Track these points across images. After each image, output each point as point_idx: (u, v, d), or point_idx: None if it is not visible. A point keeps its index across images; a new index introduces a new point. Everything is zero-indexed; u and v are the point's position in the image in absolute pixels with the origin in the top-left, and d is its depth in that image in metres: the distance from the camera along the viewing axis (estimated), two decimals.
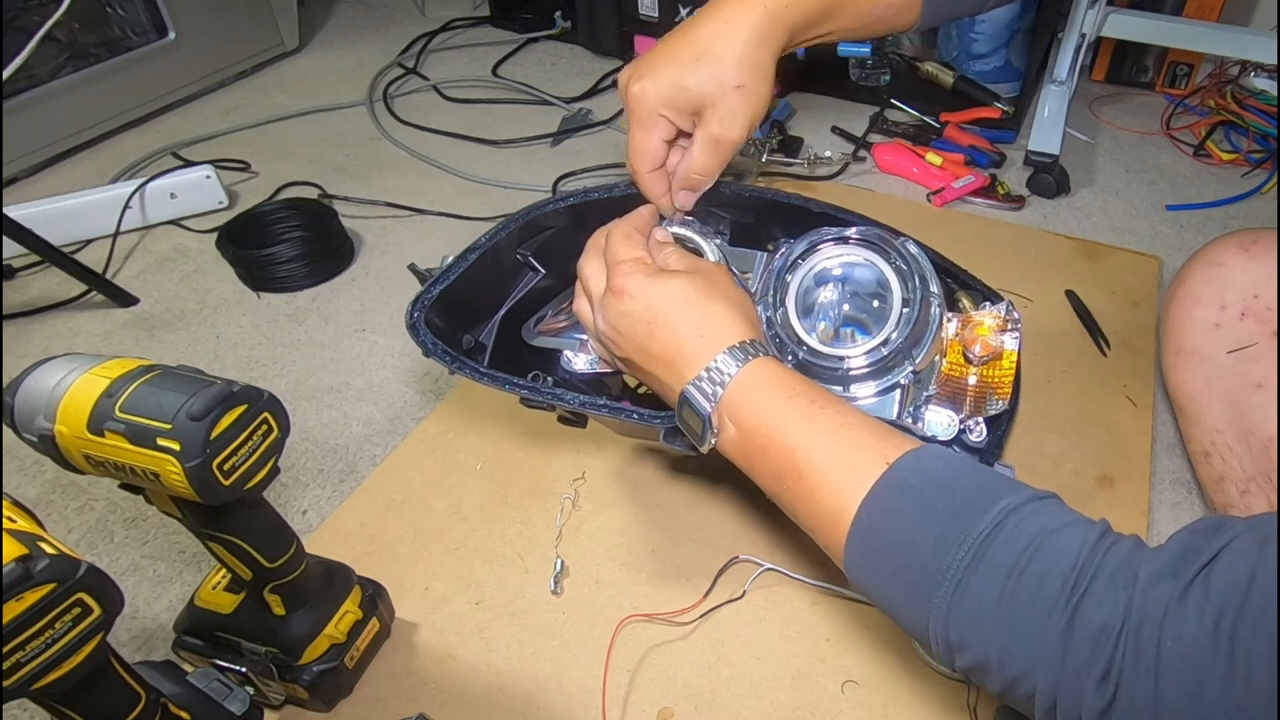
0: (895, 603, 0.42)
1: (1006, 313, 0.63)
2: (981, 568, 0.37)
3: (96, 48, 1.34)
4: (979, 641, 0.37)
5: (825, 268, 0.60)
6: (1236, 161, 1.25)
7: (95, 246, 1.13)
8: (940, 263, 0.68)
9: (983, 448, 0.63)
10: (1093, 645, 0.33)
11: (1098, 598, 0.34)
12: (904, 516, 0.41)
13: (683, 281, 0.52)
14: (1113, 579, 0.34)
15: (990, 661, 0.37)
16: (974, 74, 1.34)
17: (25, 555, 0.39)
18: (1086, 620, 0.34)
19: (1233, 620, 0.31)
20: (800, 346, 0.58)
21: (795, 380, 0.48)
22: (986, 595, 0.37)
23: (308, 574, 0.60)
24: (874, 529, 0.42)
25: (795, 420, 0.46)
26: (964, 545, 0.38)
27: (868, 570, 0.42)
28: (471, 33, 1.71)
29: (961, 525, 0.38)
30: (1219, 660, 0.30)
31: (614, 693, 0.64)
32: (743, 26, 0.53)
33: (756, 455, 0.47)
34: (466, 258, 0.65)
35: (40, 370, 0.49)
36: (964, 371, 0.63)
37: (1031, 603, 0.35)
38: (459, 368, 0.61)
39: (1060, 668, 0.34)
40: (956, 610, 0.38)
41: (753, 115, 0.56)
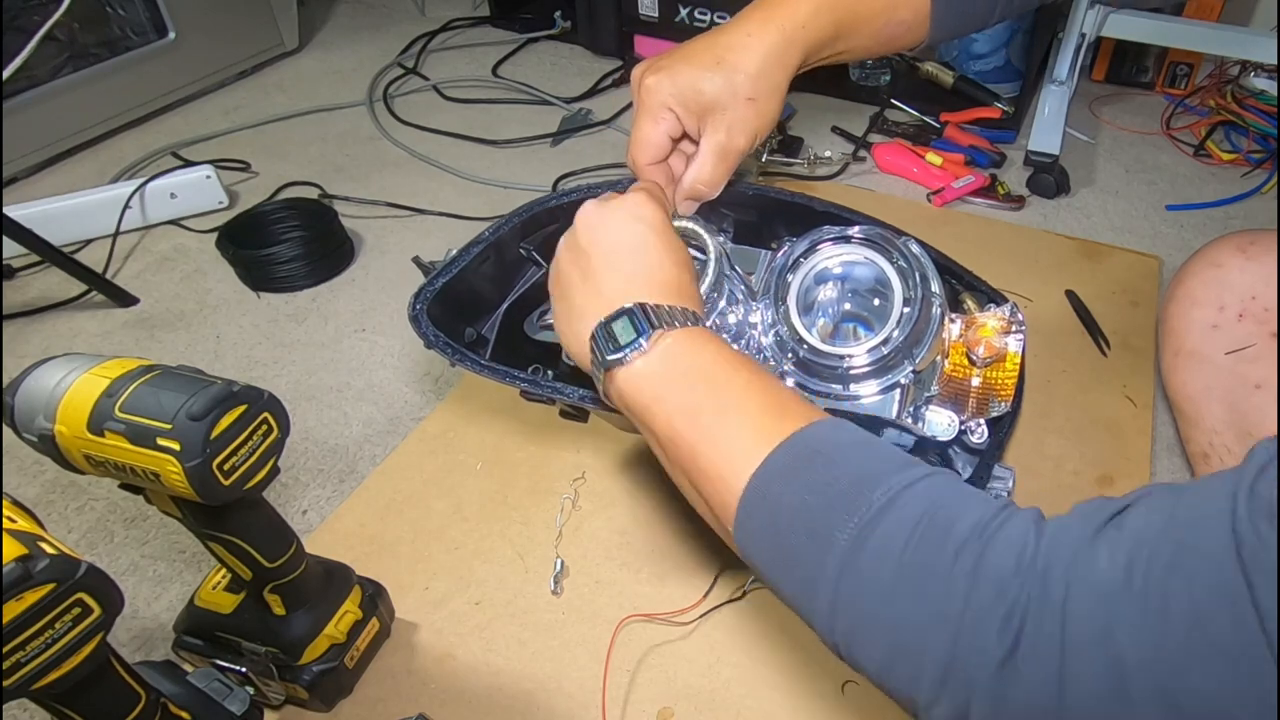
0: (783, 575, 0.39)
1: (1010, 315, 0.63)
2: (881, 528, 0.35)
3: (96, 48, 1.34)
4: (872, 608, 0.35)
5: (827, 266, 0.60)
6: (1236, 161, 1.25)
7: (95, 246, 1.13)
8: (945, 264, 0.68)
9: (984, 449, 0.62)
10: (997, 589, 0.32)
11: (1005, 545, 0.33)
12: (798, 484, 0.39)
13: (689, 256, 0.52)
14: (1021, 530, 0.33)
15: (880, 629, 0.35)
16: (974, 74, 1.34)
17: (25, 555, 0.39)
18: (991, 566, 0.32)
19: (1147, 558, 0.29)
20: (801, 345, 0.58)
21: (735, 349, 0.47)
22: (885, 555, 0.35)
23: (308, 574, 0.60)
24: (767, 494, 0.40)
25: (731, 369, 0.44)
26: (861, 511, 0.36)
27: (758, 539, 0.40)
28: (471, 33, 1.71)
29: (857, 496, 0.37)
30: (1132, 598, 0.29)
31: (614, 693, 0.64)
32: (762, 42, 0.55)
33: (674, 387, 0.45)
34: (469, 251, 0.65)
35: (40, 370, 0.49)
36: (967, 373, 0.63)
37: (933, 558, 0.34)
38: (460, 360, 0.61)
39: (960, 618, 0.32)
40: (849, 575, 0.36)
41: (760, 128, 0.57)
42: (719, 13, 1.43)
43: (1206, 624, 0.27)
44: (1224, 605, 0.27)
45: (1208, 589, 0.28)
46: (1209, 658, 0.27)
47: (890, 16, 0.59)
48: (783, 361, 0.60)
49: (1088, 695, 0.29)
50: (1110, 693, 0.29)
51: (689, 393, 0.44)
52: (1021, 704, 0.31)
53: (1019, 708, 0.31)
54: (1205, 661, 0.27)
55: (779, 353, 0.60)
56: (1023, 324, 0.62)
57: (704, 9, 1.44)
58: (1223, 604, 0.27)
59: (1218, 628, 0.27)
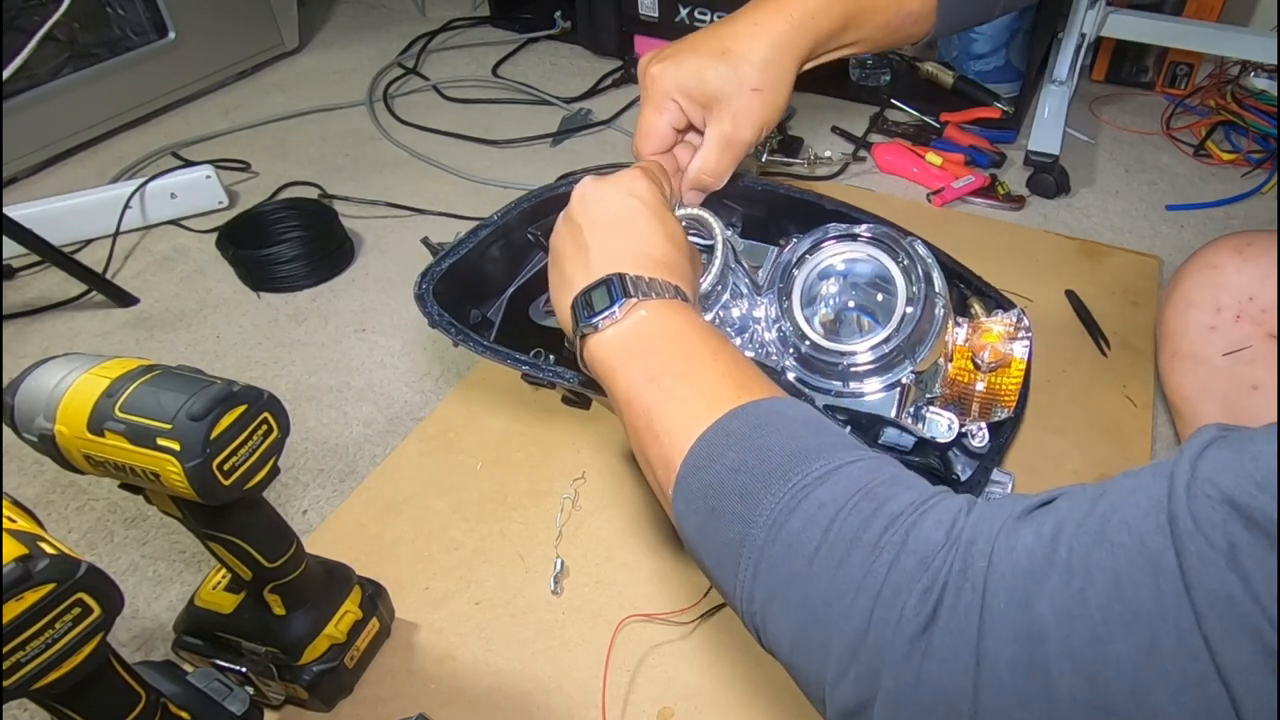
0: (711, 539, 0.38)
1: (1017, 321, 0.63)
2: (815, 495, 0.35)
3: (96, 48, 1.34)
4: (793, 574, 0.34)
5: (832, 264, 0.60)
6: (1236, 161, 1.25)
7: (95, 246, 1.13)
8: (953, 268, 0.68)
9: (984, 453, 0.63)
10: (921, 561, 0.31)
11: (935, 521, 0.32)
12: (741, 447, 0.38)
13: (685, 236, 0.52)
14: (953, 508, 0.33)
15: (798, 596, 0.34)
16: (974, 74, 1.34)
17: (25, 555, 0.39)
18: (918, 540, 0.32)
19: (1072, 533, 0.29)
20: (803, 341, 0.58)
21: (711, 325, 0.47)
22: (815, 522, 0.34)
23: (308, 574, 0.60)
24: (709, 455, 0.39)
25: (700, 340, 0.45)
26: (797, 479, 0.35)
27: (693, 500, 0.39)
28: (471, 33, 1.71)
29: (799, 464, 0.36)
30: (1054, 569, 0.28)
31: (614, 693, 0.64)
32: (770, 31, 0.54)
33: (641, 352, 0.45)
34: (477, 234, 0.66)
35: (40, 370, 0.49)
36: (972, 377, 0.63)
37: (862, 530, 0.33)
38: (463, 340, 0.61)
39: (880, 588, 0.31)
40: (775, 540, 0.35)
41: (765, 119, 0.56)
42: (719, 12, 1.43)
43: (1128, 593, 0.27)
44: (1147, 574, 0.27)
45: (1131, 559, 0.27)
46: (1130, 626, 0.26)
47: (899, 8, 0.58)
48: (784, 356, 0.61)
49: (1005, 668, 0.28)
50: (1028, 665, 0.28)
51: (653, 357, 0.44)
52: (934, 680, 0.30)
53: (931, 684, 0.30)
54: (1126, 630, 0.26)
55: (781, 348, 0.61)
56: (1029, 330, 0.62)
57: (704, 9, 1.44)
58: (1145, 573, 0.27)
59: (1140, 596, 0.26)
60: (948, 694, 0.29)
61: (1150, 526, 0.27)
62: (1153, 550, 0.27)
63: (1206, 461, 0.27)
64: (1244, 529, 0.25)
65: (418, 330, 0.99)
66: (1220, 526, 0.25)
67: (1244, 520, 0.25)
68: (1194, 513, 0.26)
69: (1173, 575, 0.26)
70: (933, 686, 0.30)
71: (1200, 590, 0.25)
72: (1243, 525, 0.25)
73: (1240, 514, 0.25)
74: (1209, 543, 0.25)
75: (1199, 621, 0.25)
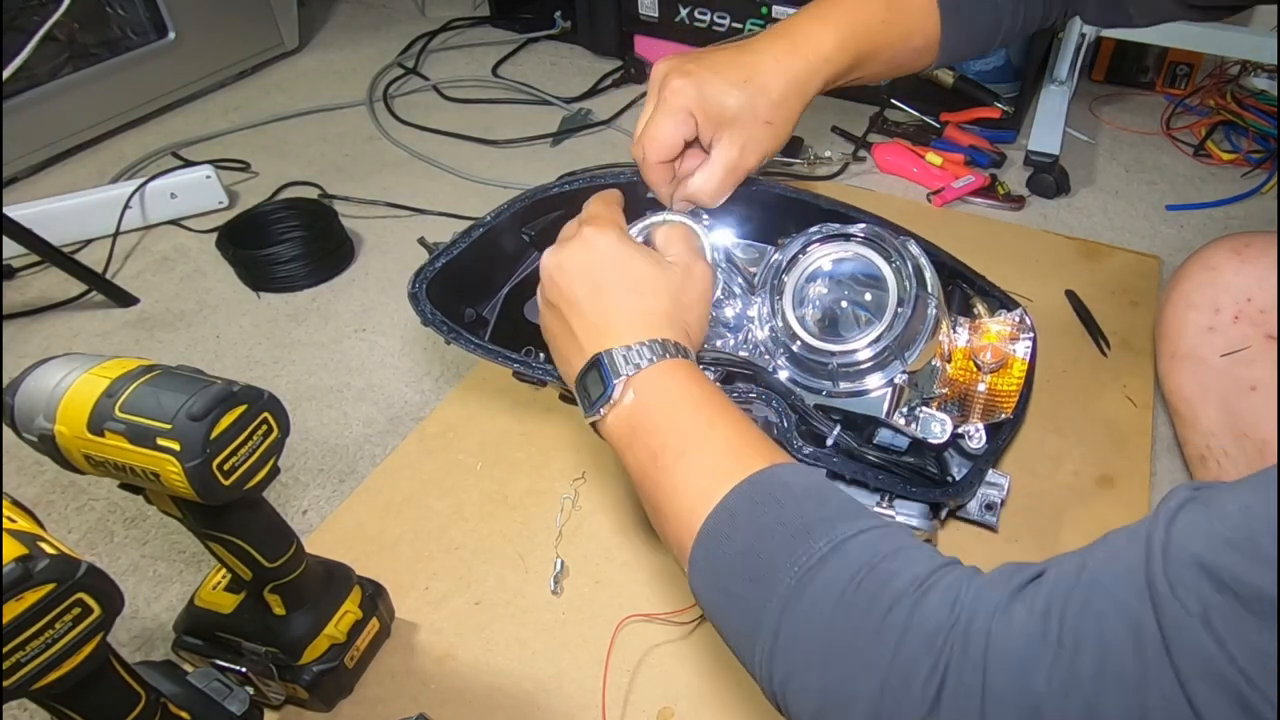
0: (729, 619, 0.40)
1: (1019, 321, 0.63)
2: (822, 576, 0.36)
3: (96, 48, 1.34)
4: (807, 655, 0.36)
5: (824, 263, 0.60)
6: (1236, 161, 1.25)
7: (95, 246, 1.13)
8: (956, 268, 0.68)
9: (979, 454, 0.62)
10: (926, 642, 0.32)
11: (938, 600, 0.33)
12: (746, 528, 0.39)
13: (653, 267, 0.52)
14: (955, 586, 0.34)
15: (814, 676, 0.35)
16: (974, 74, 1.34)
17: (25, 555, 0.39)
18: (922, 620, 0.33)
19: (1062, 605, 0.30)
20: (794, 340, 0.58)
21: (705, 382, 0.48)
22: (823, 602, 0.35)
23: (308, 574, 0.60)
24: (717, 537, 0.40)
25: (695, 410, 0.46)
26: (803, 559, 0.37)
27: (708, 581, 0.41)
28: (471, 33, 1.71)
29: (803, 543, 0.37)
30: (1047, 645, 0.30)
31: (614, 693, 0.64)
32: (789, 71, 0.57)
33: (641, 431, 0.46)
34: (470, 234, 0.67)
35: (40, 370, 0.49)
36: (973, 378, 0.63)
37: (869, 609, 0.34)
38: (455, 338, 0.62)
39: (888, 669, 0.33)
40: (788, 621, 0.36)
41: (770, 149, 0.59)
42: (719, 13, 1.43)
43: (1115, 661, 0.28)
44: (1130, 641, 0.28)
45: (1114, 627, 0.28)
46: (1119, 692, 0.28)
47: (904, 45, 0.61)
48: (776, 355, 0.61)
49: None
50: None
51: (654, 436, 0.45)
52: None
53: None
54: (1116, 696, 0.28)
55: (773, 347, 0.61)
56: (1032, 330, 0.62)
57: (704, 9, 1.44)
58: (1129, 640, 0.28)
59: (1125, 664, 0.28)
60: None
61: (1130, 593, 0.29)
62: (1134, 616, 0.28)
63: (1179, 525, 0.29)
64: (1214, 591, 0.26)
65: (418, 330, 0.99)
66: (1194, 590, 0.26)
67: (1214, 583, 0.26)
68: (1170, 577, 0.27)
69: (1154, 639, 0.27)
70: None
71: (1180, 653, 0.26)
72: (1213, 588, 0.26)
73: (1210, 577, 0.26)
74: (1184, 607, 0.26)
75: (1182, 683, 0.26)
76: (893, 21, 0.59)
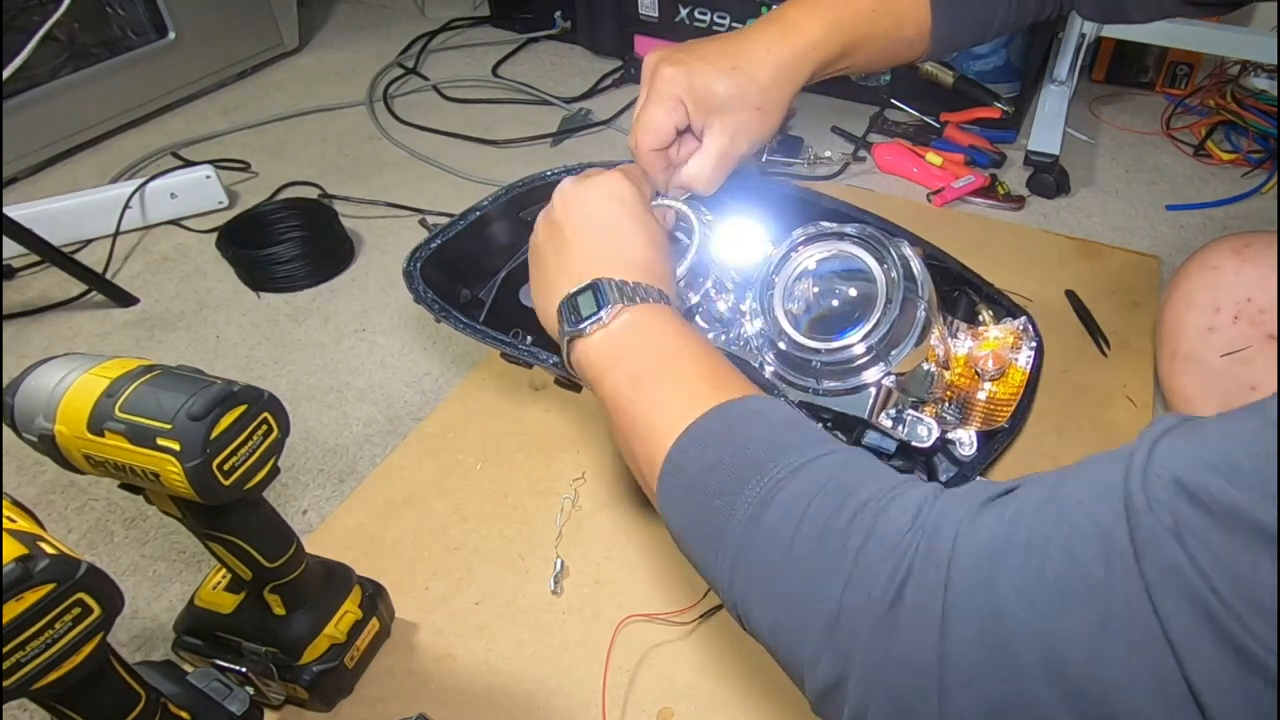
0: (694, 533, 0.40)
1: (1022, 329, 0.63)
2: (789, 488, 0.36)
3: (96, 48, 1.34)
4: (770, 563, 0.36)
5: (816, 261, 0.60)
6: (1236, 161, 1.25)
7: (95, 246, 1.13)
8: (964, 275, 0.68)
9: (966, 461, 0.62)
10: (889, 545, 0.33)
11: (902, 507, 0.34)
12: (719, 445, 0.40)
13: (665, 239, 0.54)
14: (920, 495, 0.34)
15: (775, 584, 0.36)
16: (974, 74, 1.34)
17: (25, 555, 0.39)
18: (886, 524, 0.33)
19: (1033, 513, 0.30)
20: (781, 337, 0.58)
21: (691, 328, 0.49)
22: (789, 513, 0.36)
23: (308, 574, 0.60)
24: (690, 452, 0.41)
25: (680, 343, 0.47)
26: (772, 473, 0.37)
27: (676, 495, 0.41)
28: (471, 33, 1.71)
29: (774, 459, 0.38)
30: (1014, 547, 0.30)
31: (614, 693, 0.64)
32: (778, 58, 0.58)
33: (625, 355, 0.47)
34: (467, 217, 0.68)
35: (40, 370, 0.49)
36: (973, 385, 0.63)
37: (833, 517, 0.35)
38: (444, 317, 0.64)
39: (850, 572, 0.33)
40: (752, 532, 0.36)
41: (761, 136, 0.60)
42: (718, 12, 1.43)
43: (1083, 568, 0.28)
44: (1099, 551, 0.28)
45: (1085, 537, 0.29)
46: (1085, 599, 0.28)
47: (895, 34, 0.61)
48: (765, 351, 0.61)
49: (969, 643, 0.30)
50: (991, 640, 0.29)
51: (636, 361, 0.46)
52: (902, 656, 0.31)
53: (899, 660, 0.31)
54: (1081, 603, 0.28)
55: (761, 343, 0.61)
56: (1036, 339, 0.62)
57: (704, 9, 1.44)
58: (1098, 549, 0.28)
59: (1093, 571, 0.28)
60: (915, 669, 0.31)
61: (1104, 508, 0.29)
62: (1105, 529, 0.28)
63: (1161, 448, 0.29)
64: (1189, 506, 0.26)
65: (418, 330, 0.99)
66: (1168, 505, 0.27)
67: (1190, 499, 0.26)
68: (1147, 494, 0.28)
69: (1124, 551, 0.27)
70: (900, 662, 0.31)
71: (1150, 562, 0.27)
72: (1188, 504, 0.26)
73: (1187, 494, 0.27)
74: (1158, 520, 0.27)
75: (1149, 592, 0.27)
76: (882, 10, 0.60)
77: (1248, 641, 0.24)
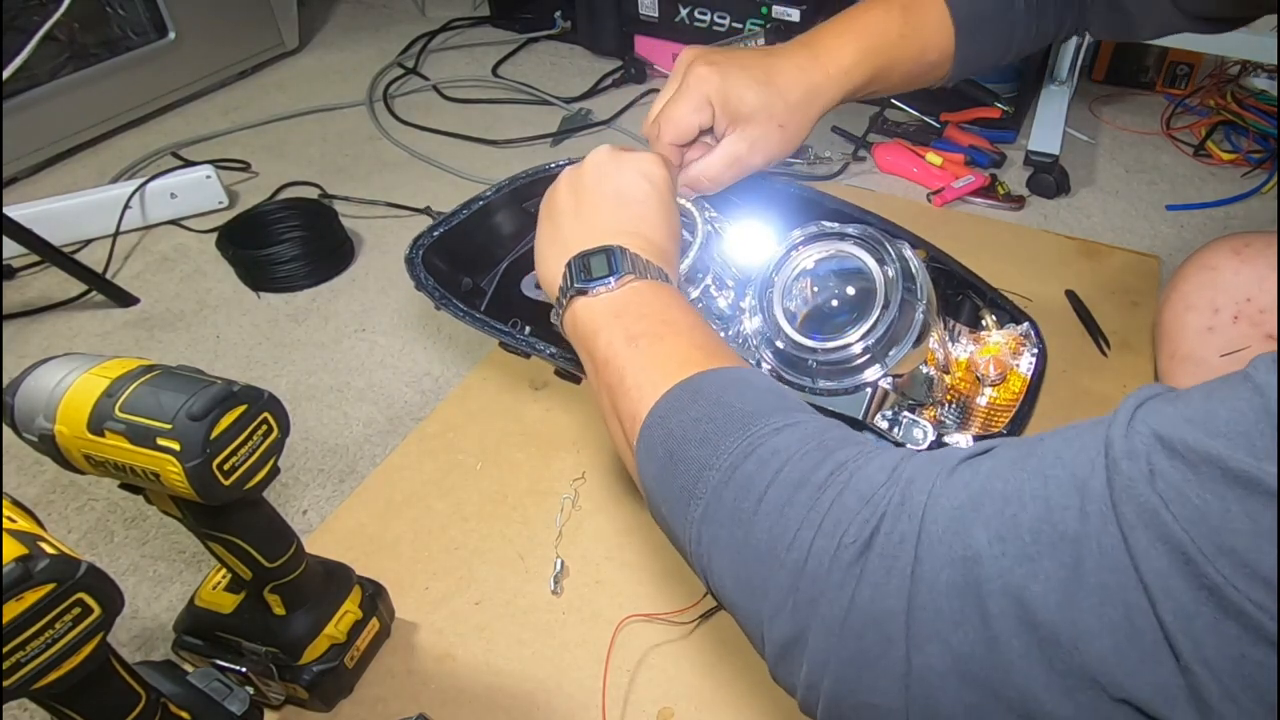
0: (669, 485, 0.40)
1: (1024, 334, 0.63)
2: (769, 444, 0.36)
3: (96, 48, 1.34)
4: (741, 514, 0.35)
5: (816, 261, 0.60)
6: (1236, 161, 1.25)
7: (95, 246, 1.13)
8: (968, 279, 0.68)
9: None
10: (863, 497, 0.33)
11: (879, 464, 0.34)
12: (704, 402, 0.40)
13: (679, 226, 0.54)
14: (897, 454, 0.34)
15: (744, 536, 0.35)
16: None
17: (25, 555, 0.39)
18: (861, 479, 0.33)
19: (1008, 467, 0.31)
20: (779, 335, 0.58)
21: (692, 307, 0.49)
22: (766, 466, 0.35)
23: (308, 574, 0.60)
24: (674, 406, 0.41)
25: (680, 313, 0.47)
26: (754, 430, 0.37)
27: (656, 445, 0.41)
28: (471, 33, 1.71)
29: (757, 419, 0.38)
30: (989, 497, 0.30)
31: (614, 693, 0.64)
32: (809, 81, 0.59)
33: (625, 316, 0.47)
34: (470, 207, 0.69)
35: (40, 370, 0.49)
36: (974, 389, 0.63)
37: (809, 473, 0.34)
38: (444, 305, 0.64)
39: (821, 521, 0.33)
40: (728, 484, 0.36)
41: (779, 152, 0.60)
42: (719, 13, 1.43)
43: (1056, 515, 0.28)
44: (1074, 499, 0.28)
45: (1061, 486, 0.29)
46: (1056, 545, 0.28)
47: (920, 59, 0.62)
48: (762, 349, 0.61)
49: (941, 590, 0.29)
50: (962, 586, 0.29)
51: (635, 322, 0.46)
52: (867, 603, 0.31)
53: (864, 608, 0.31)
54: (1053, 549, 0.28)
55: (759, 341, 0.61)
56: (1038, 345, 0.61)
57: (704, 9, 1.44)
58: (1073, 498, 0.28)
59: (1067, 519, 0.28)
60: (880, 617, 0.31)
61: (1083, 460, 0.29)
62: (1081, 479, 0.29)
63: (1144, 409, 0.29)
64: (1165, 455, 0.27)
65: (418, 330, 1.00)
66: (1145, 455, 0.27)
67: (1165, 448, 0.27)
68: (1128, 445, 0.28)
69: (1100, 497, 0.28)
70: (866, 610, 0.31)
71: (1126, 506, 0.27)
72: (1165, 452, 0.27)
73: (1163, 443, 0.27)
74: (1136, 467, 0.27)
75: (1124, 534, 0.27)
76: (909, 36, 0.61)
77: (1222, 584, 0.25)
